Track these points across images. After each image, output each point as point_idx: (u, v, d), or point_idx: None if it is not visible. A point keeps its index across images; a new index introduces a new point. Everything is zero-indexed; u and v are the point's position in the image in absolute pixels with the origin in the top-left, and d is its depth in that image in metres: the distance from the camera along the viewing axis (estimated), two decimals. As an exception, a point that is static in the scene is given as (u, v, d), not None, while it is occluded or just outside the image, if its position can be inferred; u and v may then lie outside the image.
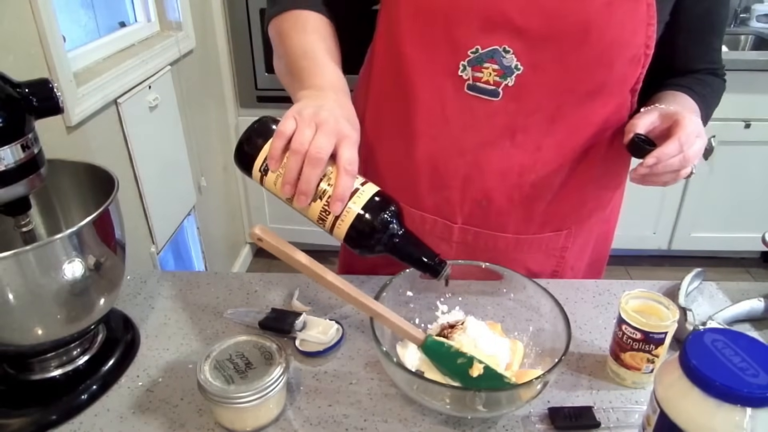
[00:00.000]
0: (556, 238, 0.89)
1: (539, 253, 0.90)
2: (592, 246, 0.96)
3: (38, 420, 0.65)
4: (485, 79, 0.76)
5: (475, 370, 0.65)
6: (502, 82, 0.76)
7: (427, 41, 0.77)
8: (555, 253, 0.91)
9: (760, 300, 0.81)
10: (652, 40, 0.75)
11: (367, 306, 0.67)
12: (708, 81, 0.87)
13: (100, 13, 1.72)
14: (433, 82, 0.79)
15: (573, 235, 0.90)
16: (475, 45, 0.75)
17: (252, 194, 2.56)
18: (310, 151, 0.58)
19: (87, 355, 0.73)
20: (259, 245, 0.67)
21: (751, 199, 2.40)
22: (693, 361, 0.48)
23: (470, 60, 0.76)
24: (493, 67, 0.75)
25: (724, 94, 0.92)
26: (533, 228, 0.87)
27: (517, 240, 0.87)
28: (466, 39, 0.75)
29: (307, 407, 0.68)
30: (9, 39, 1.13)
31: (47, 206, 0.80)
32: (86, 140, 1.39)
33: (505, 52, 0.74)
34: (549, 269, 0.92)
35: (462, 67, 0.76)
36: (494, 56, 0.75)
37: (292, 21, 0.80)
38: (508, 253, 0.88)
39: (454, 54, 0.76)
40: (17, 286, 0.61)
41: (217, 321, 0.82)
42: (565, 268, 0.93)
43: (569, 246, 0.90)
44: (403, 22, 0.78)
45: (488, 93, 0.77)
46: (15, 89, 0.61)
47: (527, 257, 0.89)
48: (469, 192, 0.84)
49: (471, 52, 0.75)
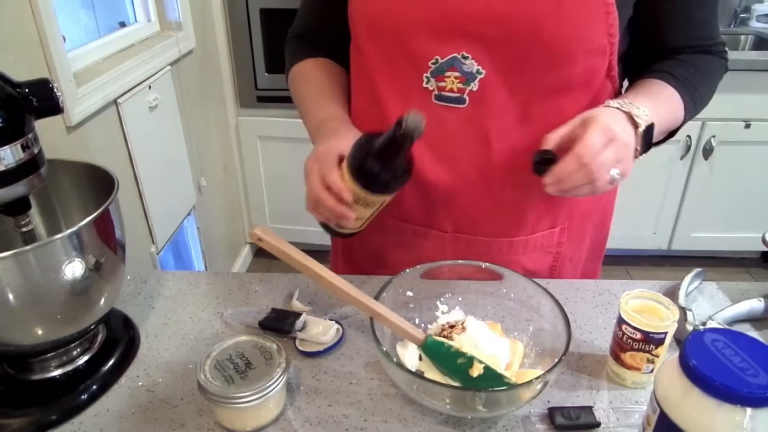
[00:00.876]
0: (550, 236, 0.89)
1: (535, 252, 0.89)
2: (590, 235, 0.95)
3: (38, 420, 0.65)
4: (449, 87, 0.77)
5: (475, 370, 0.65)
6: (466, 88, 0.76)
7: (389, 59, 0.79)
8: (551, 250, 0.90)
9: (760, 300, 0.81)
10: (614, 28, 0.74)
11: (367, 306, 0.67)
12: (694, 62, 0.82)
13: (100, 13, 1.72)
14: (402, 97, 0.80)
15: (567, 230, 0.89)
16: (434, 56, 0.76)
17: (252, 194, 2.56)
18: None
19: (87, 355, 0.73)
20: (259, 245, 0.67)
21: (751, 199, 2.40)
22: (693, 361, 0.48)
23: (432, 71, 0.77)
24: (454, 75, 0.76)
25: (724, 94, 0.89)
26: (525, 229, 0.86)
27: (510, 243, 0.87)
28: (424, 51, 0.76)
29: (307, 407, 0.68)
30: (9, 39, 1.13)
31: (47, 206, 0.80)
32: (86, 140, 1.39)
33: (464, 59, 0.75)
34: (546, 265, 0.91)
35: (426, 79, 0.78)
36: (454, 64, 0.76)
37: (297, 73, 0.94)
38: (503, 256, 0.87)
39: (416, 68, 0.77)
40: (17, 286, 0.61)
41: (217, 321, 0.82)
42: (563, 262, 0.92)
43: (564, 241, 0.90)
44: (366, 44, 0.81)
45: (455, 101, 0.78)
46: (15, 89, 0.61)
47: (523, 257, 0.89)
48: (454, 201, 0.84)
49: (431, 63, 0.76)
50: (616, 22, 0.73)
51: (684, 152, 2.30)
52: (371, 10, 0.79)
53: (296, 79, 0.94)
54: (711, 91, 0.85)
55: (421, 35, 0.75)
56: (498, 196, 0.83)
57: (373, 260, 0.95)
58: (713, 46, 0.84)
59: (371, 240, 0.92)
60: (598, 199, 0.92)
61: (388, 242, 0.92)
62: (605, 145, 0.68)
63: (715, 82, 0.85)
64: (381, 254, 0.93)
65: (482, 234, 0.86)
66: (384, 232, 0.90)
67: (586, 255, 0.97)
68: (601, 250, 1.01)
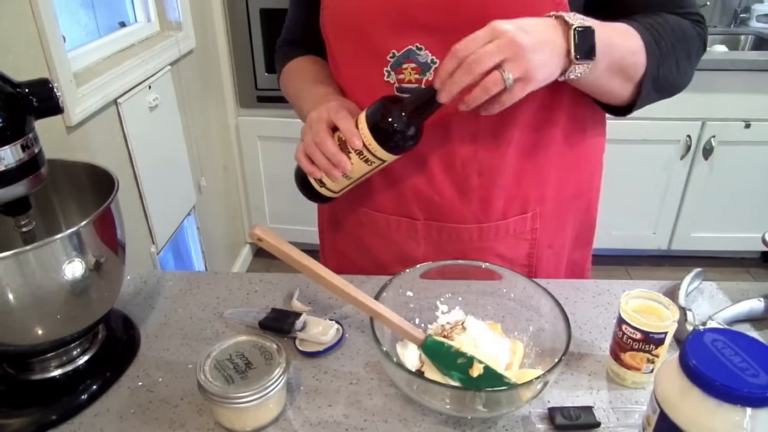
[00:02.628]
0: (522, 222, 0.88)
1: (508, 238, 0.89)
2: (572, 222, 0.94)
3: (38, 420, 0.65)
4: (407, 79, 0.79)
5: (475, 370, 0.65)
6: (423, 78, 0.78)
7: (353, 55, 0.82)
8: (525, 236, 0.89)
9: (760, 300, 0.81)
10: (563, 7, 0.72)
11: (367, 306, 0.67)
12: (661, 16, 0.77)
13: (100, 13, 1.72)
14: (367, 91, 0.81)
15: (540, 216, 0.88)
16: (391, 50, 0.78)
17: (252, 194, 2.56)
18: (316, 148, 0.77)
19: (87, 355, 0.73)
20: (259, 245, 0.67)
21: (751, 199, 2.40)
22: (693, 361, 0.48)
23: (391, 64, 0.79)
24: (411, 66, 0.78)
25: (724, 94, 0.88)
26: (494, 215, 0.86)
27: (480, 229, 0.87)
28: (381, 46, 0.78)
29: (307, 407, 0.68)
30: (9, 39, 1.13)
31: (47, 206, 0.80)
32: (86, 140, 1.39)
33: (418, 50, 0.77)
34: (524, 252, 0.91)
35: (387, 73, 0.79)
36: (410, 56, 0.77)
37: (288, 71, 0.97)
38: (474, 242, 0.88)
39: (377, 62, 0.79)
40: (17, 286, 0.61)
41: (217, 321, 0.82)
42: (541, 249, 0.91)
43: (538, 227, 0.89)
44: (333, 42, 0.84)
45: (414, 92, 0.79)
46: (15, 89, 0.61)
47: (496, 244, 0.88)
48: (422, 189, 0.85)
49: (389, 57, 0.78)
50: (565, 1, 0.72)
51: (684, 152, 2.30)
52: (334, 9, 0.81)
53: (287, 77, 0.96)
54: (685, 54, 0.78)
55: (379, 29, 0.77)
56: (462, 183, 0.84)
57: (355, 250, 0.96)
58: (687, 15, 0.79)
59: (351, 231, 0.95)
60: (577, 184, 0.91)
61: (366, 233, 0.93)
62: (488, 39, 0.63)
63: (689, 44, 0.78)
64: (361, 244, 0.95)
65: (451, 221, 0.87)
66: (361, 224, 0.93)
67: (570, 243, 0.96)
68: (589, 238, 1.00)
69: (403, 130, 0.72)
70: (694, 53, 0.79)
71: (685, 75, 0.80)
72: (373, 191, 0.88)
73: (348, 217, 0.95)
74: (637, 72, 0.74)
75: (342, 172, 0.75)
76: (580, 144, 0.88)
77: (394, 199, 0.88)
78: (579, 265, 1.00)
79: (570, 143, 0.86)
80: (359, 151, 0.74)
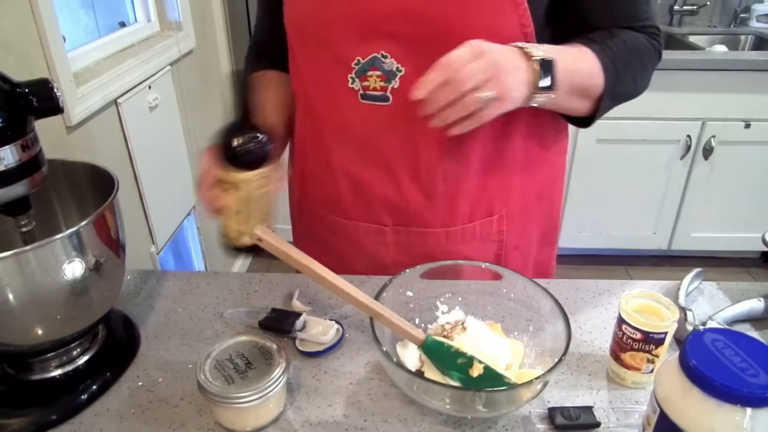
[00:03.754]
0: (488, 224, 0.89)
1: (474, 241, 0.90)
2: (537, 223, 0.95)
3: (38, 420, 0.65)
4: (372, 86, 0.79)
5: (475, 370, 0.65)
6: (388, 86, 0.78)
7: (317, 61, 0.82)
8: (492, 238, 0.90)
9: (760, 300, 0.81)
10: (526, 18, 0.74)
11: (367, 306, 0.67)
12: (616, 32, 0.79)
13: (100, 13, 1.72)
14: (331, 97, 0.82)
15: (506, 217, 0.89)
16: (356, 57, 0.78)
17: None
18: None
19: (87, 355, 0.73)
20: (259, 245, 0.67)
21: (751, 199, 2.40)
22: (693, 361, 0.48)
23: (356, 71, 0.79)
24: (376, 74, 0.78)
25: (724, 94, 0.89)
26: (461, 219, 0.87)
27: (447, 233, 0.88)
28: (346, 53, 0.78)
29: (307, 407, 0.68)
30: (9, 39, 1.13)
31: (47, 206, 0.80)
32: (86, 140, 1.39)
33: (383, 58, 0.77)
34: (491, 254, 0.91)
35: (351, 80, 0.80)
36: (375, 63, 0.78)
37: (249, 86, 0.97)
38: (441, 246, 0.88)
39: (341, 68, 0.79)
40: (17, 286, 0.61)
41: (217, 321, 0.82)
42: (508, 250, 0.92)
43: (504, 229, 0.90)
44: (296, 47, 0.84)
45: (379, 99, 0.79)
46: (15, 89, 0.61)
47: (463, 247, 0.89)
48: (388, 195, 0.86)
49: (354, 64, 0.78)
50: (527, 13, 0.74)
51: (684, 152, 2.30)
52: (297, 14, 0.81)
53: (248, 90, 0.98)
54: (641, 68, 0.81)
55: (343, 36, 0.77)
56: (428, 188, 0.84)
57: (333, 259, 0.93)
58: (644, 28, 0.81)
59: (322, 238, 0.95)
60: (540, 185, 0.92)
61: (338, 241, 0.94)
62: (471, 59, 0.66)
63: (644, 58, 0.81)
64: (336, 252, 0.95)
65: (418, 225, 0.87)
66: (332, 231, 0.93)
67: (536, 243, 0.97)
68: (553, 237, 1.02)
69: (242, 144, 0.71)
70: (649, 65, 0.83)
71: (641, 85, 0.84)
72: (341, 199, 0.89)
73: (318, 224, 0.95)
74: (595, 92, 0.78)
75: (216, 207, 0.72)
76: (542, 148, 0.90)
77: (362, 206, 0.88)
78: (544, 264, 1.02)
79: (531, 148, 0.87)
80: (221, 182, 0.71)
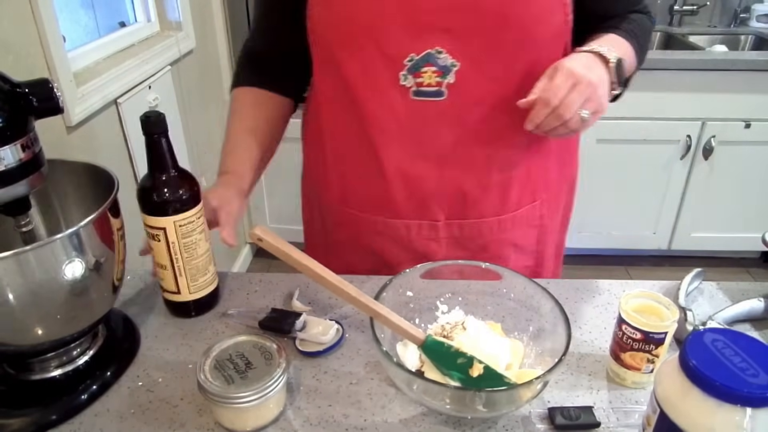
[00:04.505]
0: (533, 210, 0.93)
1: (521, 227, 0.93)
2: (563, 204, 1.01)
3: (38, 420, 0.65)
4: (427, 82, 0.79)
5: (475, 370, 0.65)
6: (444, 81, 0.79)
7: (363, 61, 0.81)
8: (534, 223, 0.94)
9: (760, 300, 0.81)
10: (568, 6, 0.78)
11: (367, 306, 0.67)
12: (632, 18, 0.88)
13: (100, 13, 1.72)
14: (379, 97, 0.82)
15: (546, 202, 0.94)
16: (409, 54, 0.78)
17: (252, 194, 2.55)
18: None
19: (87, 355, 0.73)
20: (259, 245, 0.67)
21: (751, 199, 2.40)
22: (693, 361, 0.48)
23: (409, 68, 0.79)
24: (431, 70, 0.78)
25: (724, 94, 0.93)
26: (511, 206, 0.90)
27: (499, 221, 0.90)
28: (398, 51, 0.78)
29: (307, 407, 0.68)
30: (9, 39, 1.13)
31: (47, 206, 0.80)
32: (86, 140, 1.39)
33: (438, 53, 0.77)
34: (533, 239, 0.96)
35: (403, 77, 0.80)
36: (429, 59, 0.78)
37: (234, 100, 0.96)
38: (494, 234, 0.91)
39: (392, 67, 0.79)
40: (17, 286, 0.60)
41: (217, 321, 0.82)
42: (546, 234, 0.97)
43: (545, 213, 0.94)
44: (337, 51, 0.82)
45: (433, 95, 0.80)
46: (15, 89, 0.61)
47: (512, 234, 0.92)
48: (444, 190, 0.86)
49: (407, 61, 0.79)
50: (570, 3, 0.78)
51: (684, 152, 2.30)
52: (339, 17, 0.80)
53: (232, 106, 0.97)
54: (647, 44, 0.90)
55: (394, 34, 0.77)
56: (483, 179, 0.86)
57: (370, 263, 0.95)
58: (643, 8, 0.91)
59: (366, 243, 0.93)
60: (567, 168, 0.98)
61: (383, 242, 0.93)
62: (571, 88, 0.72)
63: (648, 36, 0.91)
64: (378, 255, 0.94)
65: (472, 216, 0.89)
66: (377, 233, 0.92)
67: (559, 225, 1.01)
68: (568, 219, 1.06)
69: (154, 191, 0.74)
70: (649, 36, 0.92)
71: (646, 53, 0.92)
72: (393, 199, 0.88)
73: (360, 229, 0.93)
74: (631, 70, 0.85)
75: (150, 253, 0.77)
76: None
77: (415, 204, 0.88)
78: (560, 246, 1.05)
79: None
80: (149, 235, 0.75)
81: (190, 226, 0.75)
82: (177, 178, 0.74)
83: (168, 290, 0.79)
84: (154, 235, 0.74)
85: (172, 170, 0.74)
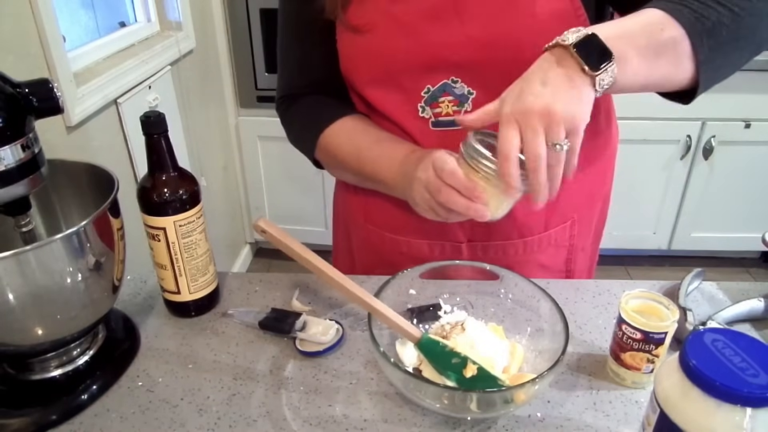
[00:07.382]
0: (563, 231, 0.90)
1: (549, 248, 0.90)
2: (595, 221, 0.97)
3: (38, 420, 0.65)
4: (445, 112, 0.79)
5: (469, 371, 0.65)
6: (461, 110, 0.78)
7: (384, 93, 0.81)
8: (564, 244, 0.92)
9: (760, 300, 0.81)
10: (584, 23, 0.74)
11: (365, 302, 0.68)
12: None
13: (100, 13, 1.72)
14: (401, 126, 0.82)
15: (578, 222, 0.91)
16: (426, 86, 0.78)
17: (252, 194, 2.56)
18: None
19: (87, 355, 0.73)
20: (262, 237, 0.67)
21: (751, 199, 2.40)
22: (693, 361, 0.48)
23: (426, 100, 0.79)
24: (448, 99, 0.78)
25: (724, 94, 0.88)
26: (537, 228, 0.88)
27: (524, 243, 0.88)
28: (415, 84, 0.78)
29: (307, 407, 0.68)
30: (9, 39, 1.13)
31: (47, 206, 0.80)
32: (86, 140, 1.40)
33: (453, 83, 0.77)
34: (562, 259, 0.93)
35: (421, 109, 0.80)
36: (446, 89, 0.78)
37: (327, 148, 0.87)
38: (519, 256, 0.89)
39: (410, 99, 0.79)
40: (17, 286, 0.61)
41: (217, 321, 0.82)
42: (576, 253, 0.94)
43: (576, 233, 0.92)
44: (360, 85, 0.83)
45: (451, 124, 0.79)
46: (15, 89, 0.61)
47: (538, 256, 0.90)
48: None
49: (424, 93, 0.79)
50: (587, 22, 0.75)
51: (684, 152, 2.30)
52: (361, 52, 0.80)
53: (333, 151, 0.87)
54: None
55: (410, 70, 0.78)
56: None
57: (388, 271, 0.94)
58: None
59: (389, 261, 0.92)
60: (601, 186, 0.94)
61: (405, 262, 0.89)
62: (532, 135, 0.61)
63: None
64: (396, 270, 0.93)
65: (497, 238, 0.87)
66: (399, 252, 0.91)
67: (592, 240, 0.99)
68: (600, 233, 1.03)
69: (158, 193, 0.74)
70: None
71: (754, 13, 0.66)
72: (414, 220, 0.84)
73: (381, 244, 0.93)
74: (676, 42, 0.64)
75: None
76: (600, 147, 0.90)
77: (437, 227, 0.86)
78: (592, 259, 1.03)
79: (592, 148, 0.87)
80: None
81: (190, 226, 0.75)
82: (177, 178, 0.74)
83: (168, 290, 0.79)
84: (154, 235, 0.74)
85: (172, 170, 0.74)
